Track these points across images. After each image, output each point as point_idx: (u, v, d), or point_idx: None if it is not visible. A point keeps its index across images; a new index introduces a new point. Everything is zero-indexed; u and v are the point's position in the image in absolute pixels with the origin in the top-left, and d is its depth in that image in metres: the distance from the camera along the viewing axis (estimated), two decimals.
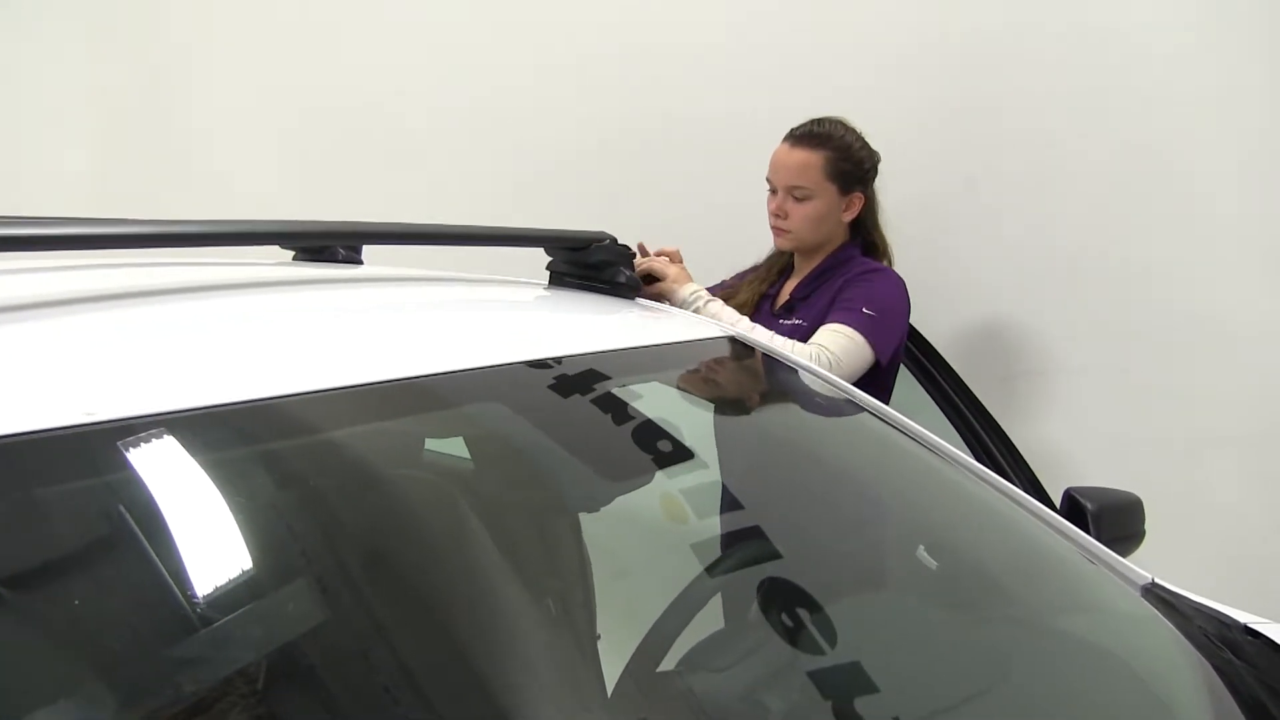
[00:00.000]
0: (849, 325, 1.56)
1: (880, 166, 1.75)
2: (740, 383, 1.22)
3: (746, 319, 1.63)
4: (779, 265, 1.82)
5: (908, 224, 2.06)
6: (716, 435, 1.05)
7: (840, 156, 1.66)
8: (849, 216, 1.70)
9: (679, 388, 1.07)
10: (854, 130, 1.71)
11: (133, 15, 3.66)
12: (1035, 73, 2.02)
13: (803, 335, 1.61)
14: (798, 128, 1.72)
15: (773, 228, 1.73)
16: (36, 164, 3.79)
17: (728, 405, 1.17)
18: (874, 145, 1.74)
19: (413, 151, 3.01)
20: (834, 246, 1.73)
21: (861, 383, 1.56)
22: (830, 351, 1.53)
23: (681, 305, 1.61)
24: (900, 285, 1.68)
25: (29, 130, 3.85)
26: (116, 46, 3.70)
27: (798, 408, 1.25)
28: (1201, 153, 1.88)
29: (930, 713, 0.83)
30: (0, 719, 0.45)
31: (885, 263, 1.75)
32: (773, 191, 1.72)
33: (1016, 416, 2.00)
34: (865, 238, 1.76)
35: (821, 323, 1.61)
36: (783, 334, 1.60)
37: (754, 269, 1.87)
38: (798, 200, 1.66)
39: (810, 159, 1.65)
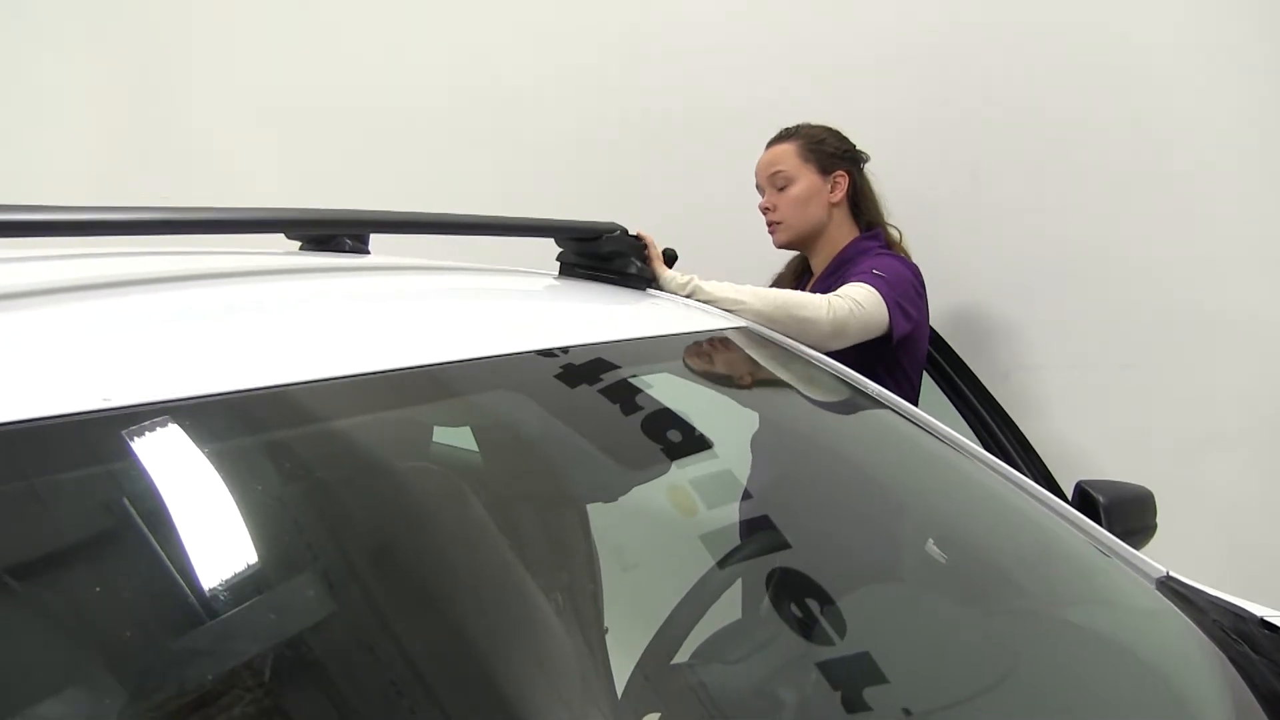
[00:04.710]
0: (860, 283, 1.54)
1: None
2: (754, 374, 1.21)
3: (736, 285, 1.45)
4: (795, 270, 1.83)
5: (914, 219, 2.06)
6: (733, 428, 1.04)
7: (811, 141, 1.72)
8: (836, 197, 1.71)
9: (697, 378, 1.06)
10: (824, 126, 1.77)
11: (132, 13, 3.63)
12: (1043, 70, 2.00)
13: None
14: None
15: (767, 225, 1.75)
16: (35, 162, 3.77)
17: (742, 397, 1.16)
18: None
19: (414, 146, 3.00)
20: (841, 240, 1.72)
21: (877, 369, 1.54)
22: (845, 297, 1.47)
23: (671, 288, 1.42)
24: (910, 265, 1.67)
25: (28, 129, 3.82)
26: (116, 44, 3.68)
27: (812, 400, 1.24)
28: (1210, 148, 1.87)
29: (949, 704, 0.83)
30: (28, 696, 0.45)
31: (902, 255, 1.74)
32: (762, 195, 1.76)
33: (1022, 411, 1.99)
34: (878, 226, 1.74)
35: None
36: None
37: (775, 280, 1.88)
38: (780, 190, 1.71)
39: (782, 148, 1.74)
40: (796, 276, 1.82)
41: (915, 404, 1.69)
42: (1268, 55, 1.82)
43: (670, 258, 1.44)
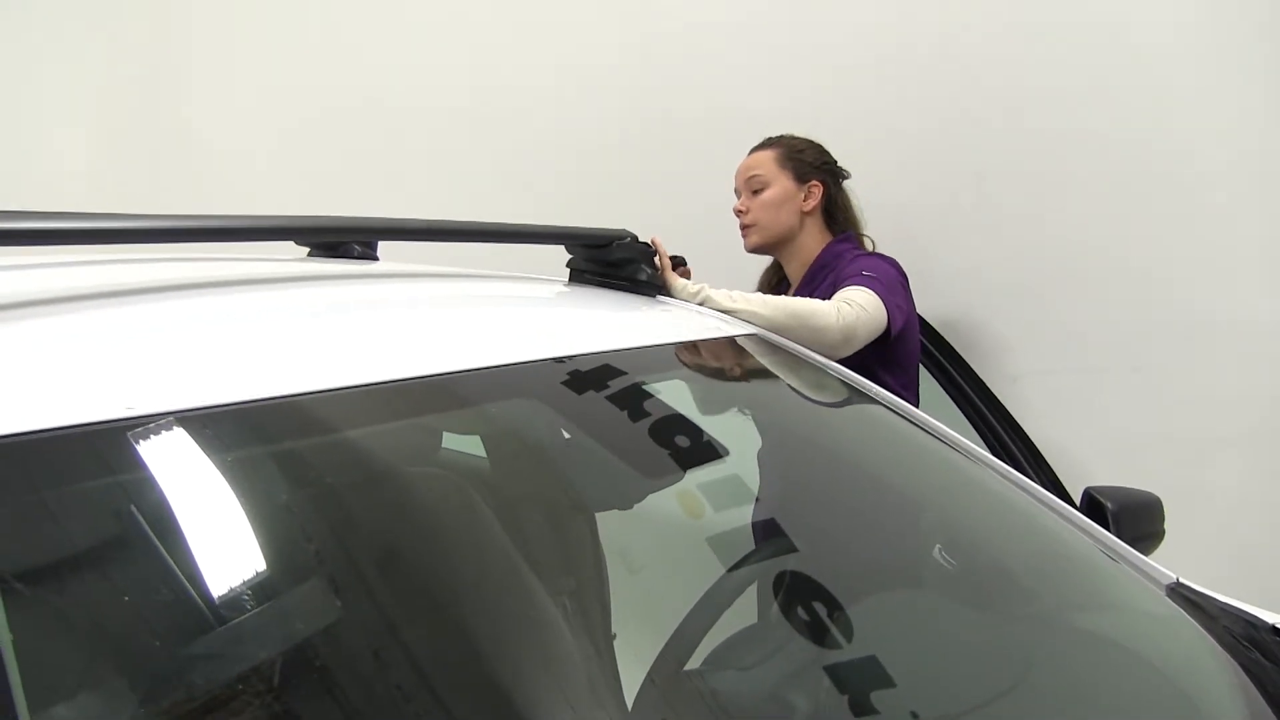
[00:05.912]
0: (857, 285, 1.55)
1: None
2: (766, 380, 1.21)
3: (746, 294, 1.49)
4: (770, 280, 1.85)
5: (918, 223, 2.06)
6: (747, 434, 1.05)
7: (791, 150, 1.76)
8: (809, 205, 1.73)
9: (710, 384, 1.06)
10: (807, 139, 1.80)
11: (137, 14, 3.63)
12: (1046, 72, 2.01)
13: None
14: None
15: (740, 229, 1.78)
16: (40, 164, 3.76)
17: (755, 402, 1.16)
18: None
19: (418, 152, 3.00)
20: (813, 248, 1.74)
21: (878, 365, 1.56)
22: (851, 303, 1.49)
23: (683, 296, 1.45)
24: (892, 261, 1.70)
25: (32, 130, 3.82)
26: (120, 47, 3.68)
27: (825, 405, 1.24)
28: (1213, 152, 1.87)
29: (962, 711, 0.83)
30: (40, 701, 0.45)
31: None
32: (739, 199, 1.79)
33: (1027, 415, 2.00)
34: (854, 231, 1.77)
35: None
36: None
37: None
38: (755, 193, 1.74)
39: (762, 154, 1.77)
40: (772, 287, 1.84)
41: (916, 392, 1.71)
42: (1269, 57, 1.82)
43: (677, 263, 1.45)
